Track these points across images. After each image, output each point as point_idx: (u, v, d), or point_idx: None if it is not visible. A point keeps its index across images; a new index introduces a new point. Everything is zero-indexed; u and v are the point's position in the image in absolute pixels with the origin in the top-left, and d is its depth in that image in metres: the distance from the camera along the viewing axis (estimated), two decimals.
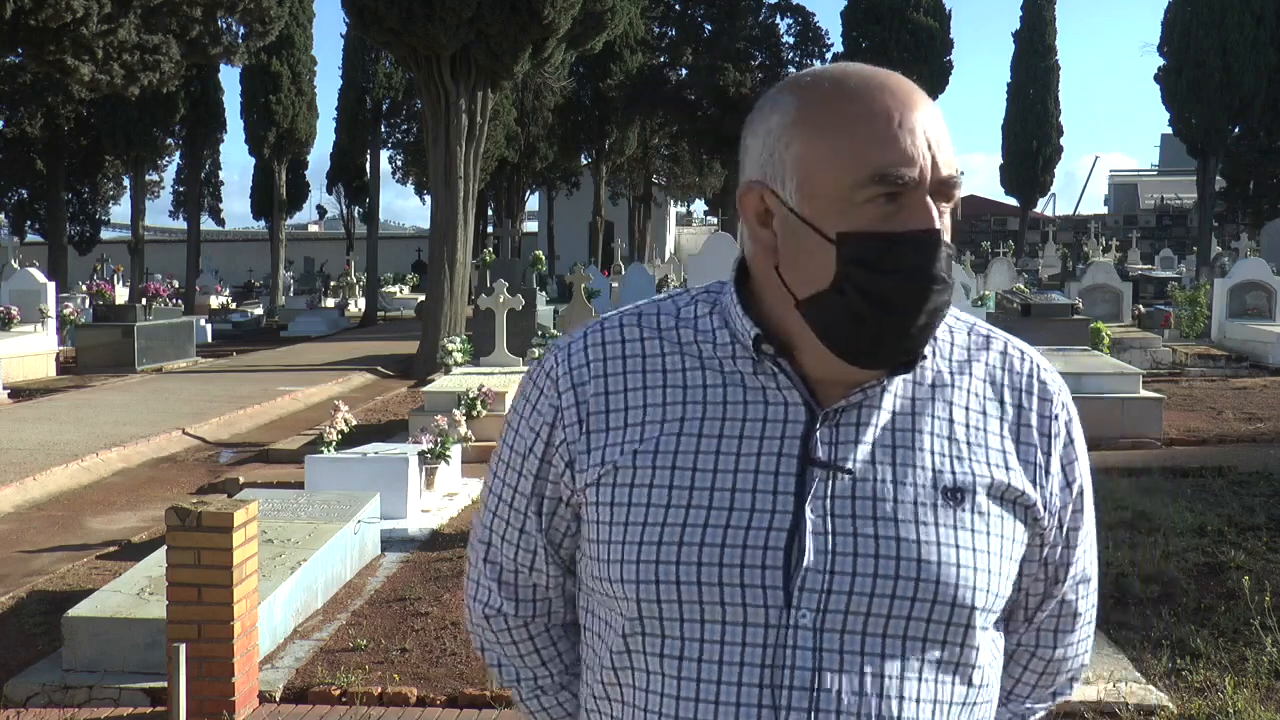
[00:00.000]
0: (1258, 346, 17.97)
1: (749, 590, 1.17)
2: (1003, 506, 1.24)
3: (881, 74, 1.21)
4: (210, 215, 41.80)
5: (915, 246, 1.15)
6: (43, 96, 29.84)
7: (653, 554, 1.20)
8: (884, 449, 1.22)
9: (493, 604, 1.41)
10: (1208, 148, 33.50)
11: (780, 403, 1.23)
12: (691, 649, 1.19)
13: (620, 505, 1.24)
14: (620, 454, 1.25)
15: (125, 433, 11.94)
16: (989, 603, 1.21)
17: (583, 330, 1.34)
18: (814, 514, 1.18)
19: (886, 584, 1.17)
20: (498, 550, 1.39)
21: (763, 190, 1.22)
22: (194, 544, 4.56)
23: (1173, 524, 7.46)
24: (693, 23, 40.02)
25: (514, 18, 17.08)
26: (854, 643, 1.17)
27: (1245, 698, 4.66)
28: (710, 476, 1.21)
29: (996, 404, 1.27)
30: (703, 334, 1.28)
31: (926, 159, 1.16)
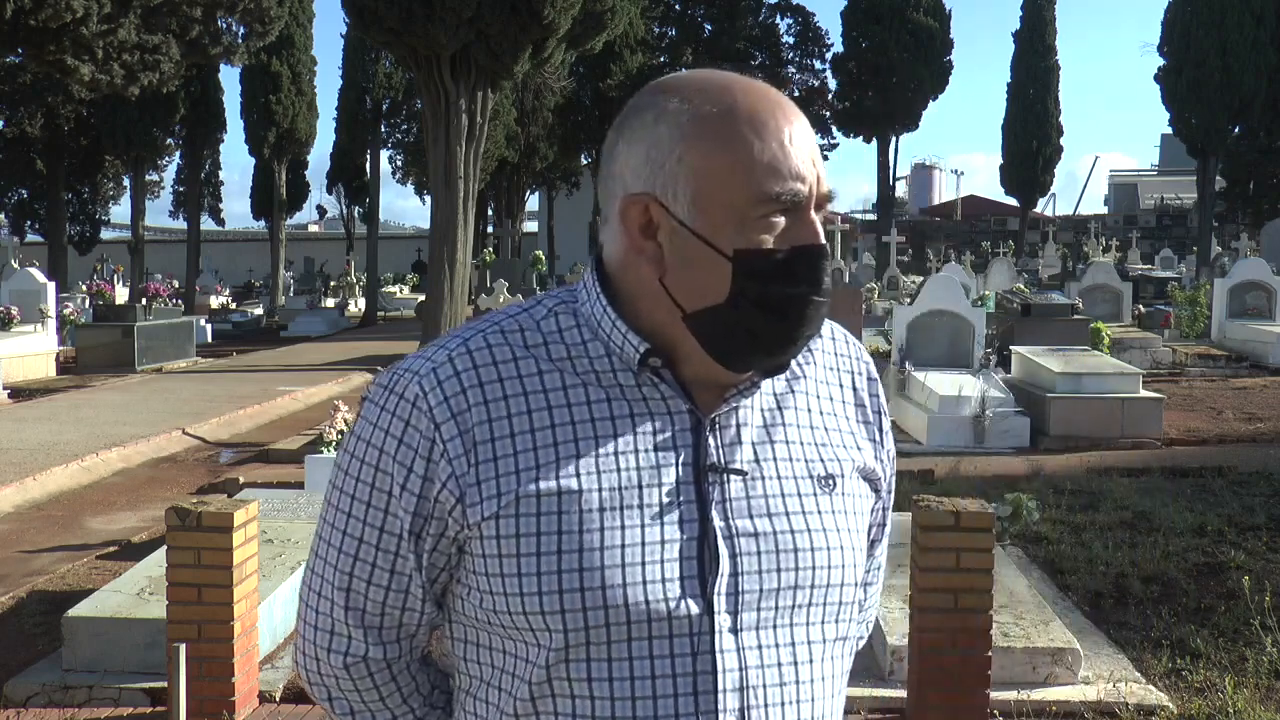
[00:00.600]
0: (1258, 346, 17.96)
1: (672, 602, 1.19)
2: (861, 485, 1.34)
3: (762, 87, 1.23)
4: (210, 215, 41.84)
5: (807, 261, 1.20)
6: (43, 96, 29.86)
7: (575, 582, 1.18)
8: (763, 446, 1.27)
9: (356, 651, 1.32)
10: (1208, 148, 33.50)
11: (665, 413, 1.24)
12: (620, 668, 1.19)
13: (528, 536, 1.20)
14: (519, 483, 1.21)
15: (125, 433, 11.94)
16: (858, 576, 1.31)
17: (442, 351, 1.27)
18: (719, 518, 1.22)
19: (788, 576, 1.23)
20: (360, 596, 1.30)
21: (649, 201, 1.21)
22: (194, 544, 4.56)
23: (1173, 524, 7.46)
24: (693, 23, 40.10)
25: (514, 18, 17.08)
26: (769, 636, 1.22)
27: (1245, 698, 4.66)
28: (616, 495, 1.20)
29: (839, 388, 1.37)
30: (573, 348, 1.26)
31: (814, 176, 1.20)
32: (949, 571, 4.37)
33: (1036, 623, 5.04)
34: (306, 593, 1.35)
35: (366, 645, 1.32)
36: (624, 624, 1.18)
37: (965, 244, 48.45)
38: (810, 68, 44.31)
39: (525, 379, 1.24)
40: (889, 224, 37.89)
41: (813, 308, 1.21)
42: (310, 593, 1.34)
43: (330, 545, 1.30)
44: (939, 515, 4.38)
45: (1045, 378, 11.78)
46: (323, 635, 1.33)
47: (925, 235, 54.11)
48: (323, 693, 1.38)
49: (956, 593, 4.37)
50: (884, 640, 4.91)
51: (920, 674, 4.44)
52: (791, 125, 1.20)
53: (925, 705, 4.44)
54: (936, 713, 4.41)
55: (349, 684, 1.35)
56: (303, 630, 1.36)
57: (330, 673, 1.35)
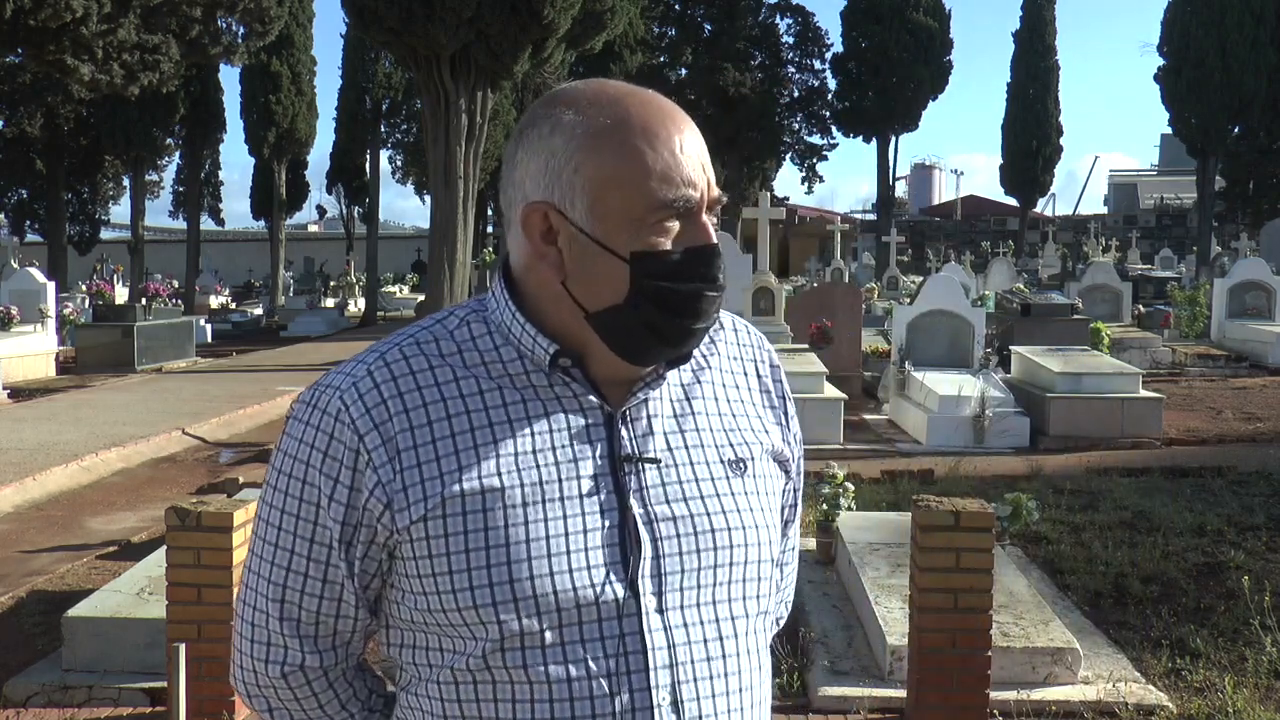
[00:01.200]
0: (1257, 346, 17.97)
1: (599, 588, 1.25)
2: (772, 466, 1.42)
3: (654, 97, 1.30)
4: (210, 215, 41.80)
5: (702, 260, 1.27)
6: (42, 96, 29.84)
7: (504, 575, 1.23)
8: (675, 435, 1.34)
9: (293, 661, 1.36)
10: (1207, 148, 33.50)
11: (579, 410, 1.31)
12: (555, 654, 1.24)
13: (456, 535, 1.24)
14: (443, 486, 1.25)
15: (125, 433, 11.95)
16: (773, 555, 1.38)
17: (360, 366, 1.32)
18: (638, 505, 1.28)
19: (707, 556, 1.30)
20: (294, 606, 1.34)
21: (547, 209, 1.28)
22: (194, 544, 4.56)
23: (1172, 524, 7.46)
24: (692, 23, 40.10)
25: (514, 17, 17.07)
26: (693, 615, 1.28)
27: (1245, 697, 4.66)
28: (537, 489, 1.26)
29: (744, 376, 1.44)
30: (486, 353, 1.32)
31: (704, 181, 1.28)
32: (949, 571, 4.37)
33: (1036, 622, 5.04)
34: (241, 606, 1.38)
35: (303, 654, 1.36)
36: (554, 611, 1.23)
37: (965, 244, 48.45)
38: (810, 67, 44.30)
39: (442, 386, 1.30)
40: (889, 224, 37.89)
41: (707, 302, 1.28)
42: (244, 606, 1.37)
43: (262, 559, 1.35)
44: (939, 515, 4.38)
45: (1045, 378, 11.79)
46: (259, 647, 1.37)
47: (925, 235, 54.11)
48: (262, 704, 1.41)
49: (956, 592, 4.37)
50: (884, 640, 4.91)
51: (920, 674, 4.44)
52: (682, 134, 1.27)
53: (925, 705, 4.44)
54: (936, 712, 4.41)
55: (288, 693, 1.39)
56: (238, 643, 1.39)
57: (268, 683, 1.38)
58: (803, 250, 43.68)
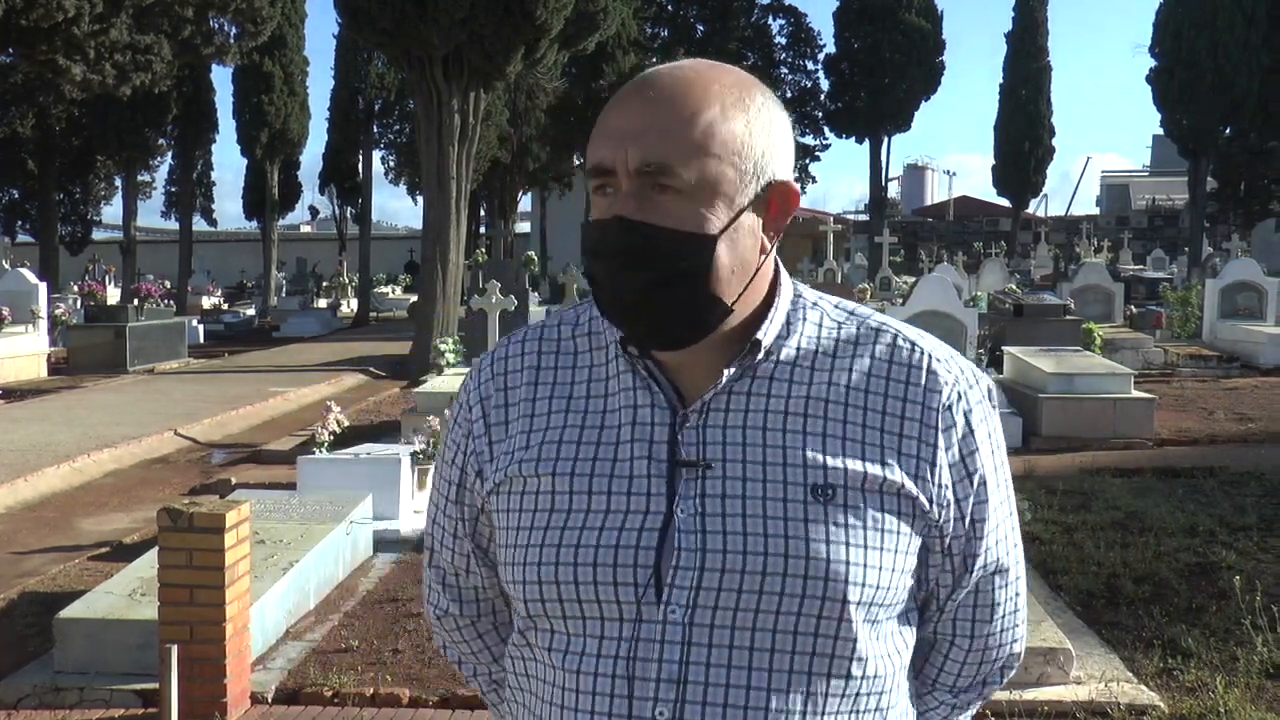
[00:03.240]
0: (1249, 347, 18.00)
1: (621, 588, 1.22)
2: (881, 501, 1.24)
3: (656, 71, 1.26)
4: (202, 216, 41.78)
5: (603, 231, 1.22)
6: (34, 96, 29.75)
7: (536, 556, 1.26)
8: (754, 447, 1.25)
9: (441, 605, 1.48)
10: (1199, 149, 33.59)
11: (649, 404, 1.28)
12: (574, 643, 1.26)
13: (513, 511, 1.31)
14: (510, 462, 1.32)
15: (117, 433, 11.92)
16: (865, 596, 1.22)
17: (497, 344, 1.42)
18: (683, 512, 1.23)
19: (754, 580, 1.20)
20: (439, 555, 1.46)
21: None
22: (186, 545, 4.55)
23: (1164, 524, 7.47)
24: (685, 23, 40.11)
25: (506, 18, 17.07)
26: (723, 636, 1.21)
27: (1236, 697, 4.67)
28: (587, 480, 1.27)
29: (879, 397, 1.28)
30: (595, 337, 1.35)
31: (622, 150, 1.21)
32: None
33: (1028, 622, 5.03)
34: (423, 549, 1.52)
35: (447, 602, 1.48)
36: (575, 601, 1.24)
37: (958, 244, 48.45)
38: (803, 68, 44.33)
39: (541, 370, 1.35)
40: (881, 224, 37.89)
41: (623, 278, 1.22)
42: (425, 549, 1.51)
43: (428, 509, 1.48)
44: None
45: (1037, 378, 11.80)
46: (423, 589, 1.51)
47: (918, 236, 54.15)
48: (438, 640, 1.54)
49: None
50: None
51: None
52: (626, 103, 1.23)
53: None
54: None
55: (444, 635, 1.51)
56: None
57: (434, 624, 1.52)
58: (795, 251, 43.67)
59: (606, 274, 1.24)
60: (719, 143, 1.22)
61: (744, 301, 1.27)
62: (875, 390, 1.28)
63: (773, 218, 1.28)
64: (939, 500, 1.27)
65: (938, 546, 1.30)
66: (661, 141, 1.20)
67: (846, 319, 1.33)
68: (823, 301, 1.35)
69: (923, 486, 1.26)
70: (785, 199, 1.29)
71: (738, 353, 1.27)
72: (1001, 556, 1.36)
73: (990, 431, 1.32)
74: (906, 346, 1.31)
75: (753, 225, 1.26)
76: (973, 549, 1.32)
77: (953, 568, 1.33)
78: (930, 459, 1.27)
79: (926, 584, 1.33)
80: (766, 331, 1.27)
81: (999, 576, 1.37)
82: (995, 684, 1.47)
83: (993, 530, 1.33)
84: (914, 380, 1.29)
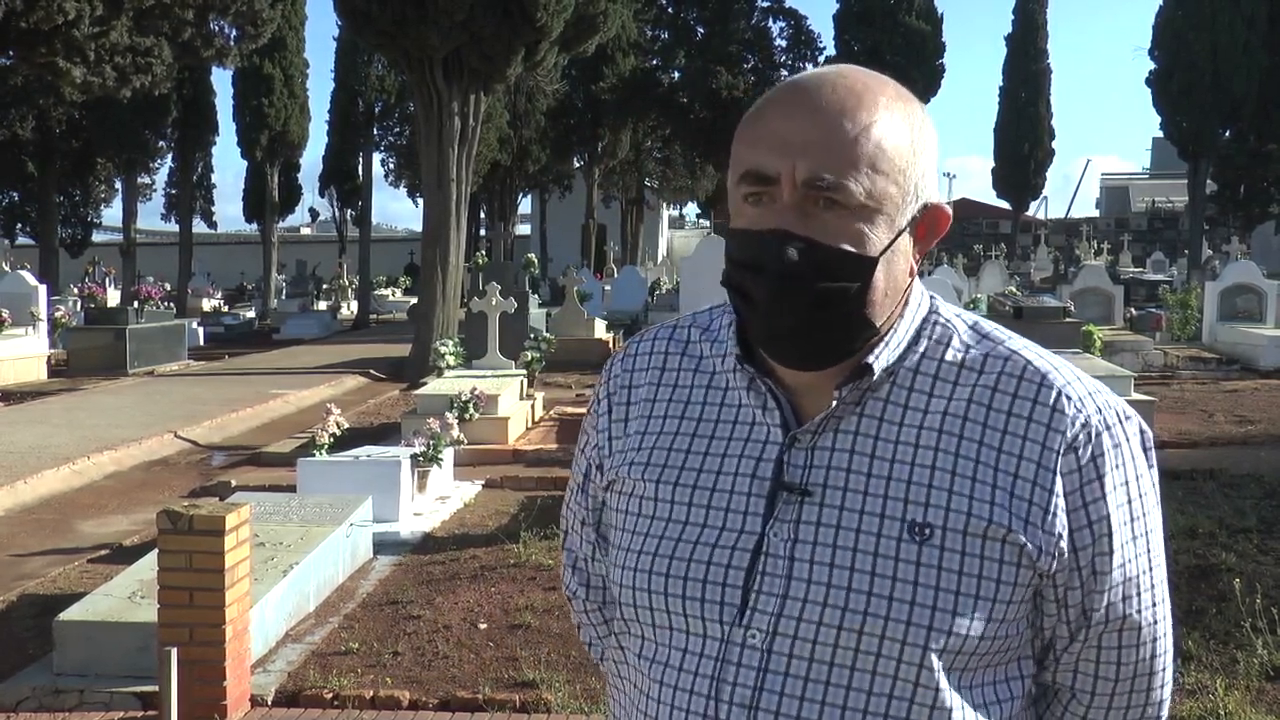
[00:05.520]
0: (1248, 349, 18.00)
1: (707, 605, 1.21)
2: (984, 546, 1.17)
3: (824, 76, 1.21)
4: (202, 218, 41.67)
5: (760, 244, 1.17)
6: (34, 99, 29.76)
7: (633, 561, 1.27)
8: (858, 476, 1.20)
9: (571, 587, 1.51)
10: (1199, 151, 33.58)
11: (762, 423, 1.26)
12: (660, 653, 1.26)
13: (619, 512, 1.32)
14: (622, 462, 1.33)
15: (117, 436, 11.91)
16: (953, 645, 1.16)
17: (636, 336, 1.43)
18: (776, 537, 1.20)
19: (835, 614, 1.16)
20: (570, 539, 1.49)
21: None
22: (186, 547, 4.55)
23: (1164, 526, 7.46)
24: (685, 26, 40.05)
25: (506, 20, 17.08)
26: (800, 667, 1.17)
27: (1236, 700, 4.67)
28: (689, 492, 1.26)
29: (996, 433, 1.20)
30: (718, 345, 1.33)
31: (789, 160, 1.16)
32: None
33: None
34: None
35: (576, 585, 1.50)
36: (664, 611, 1.24)
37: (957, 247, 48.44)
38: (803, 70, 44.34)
39: (666, 372, 1.35)
40: None
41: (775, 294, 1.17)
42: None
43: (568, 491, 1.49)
44: None
45: None
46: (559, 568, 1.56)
47: None
48: (575, 619, 1.55)
49: None
50: None
51: None
52: (792, 111, 1.18)
53: None
54: None
55: (577, 616, 1.54)
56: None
57: (569, 602, 1.54)
58: None
59: (758, 289, 1.18)
60: (888, 160, 1.17)
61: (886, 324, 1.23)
62: (993, 425, 1.20)
63: (920, 239, 1.25)
64: (1050, 549, 1.18)
65: (1052, 595, 1.22)
66: (834, 155, 1.15)
67: (977, 342, 1.25)
68: (957, 321, 1.27)
69: (1032, 534, 1.17)
70: (936, 222, 1.25)
71: (850, 375, 1.22)
72: (1130, 613, 1.26)
73: (1127, 479, 1.22)
74: (1036, 378, 1.21)
75: (907, 248, 1.23)
76: (1091, 603, 1.23)
77: (1068, 619, 1.24)
78: (1045, 504, 1.18)
79: (1043, 633, 1.26)
80: (879, 355, 1.22)
81: (1129, 633, 1.27)
82: None
83: (1118, 584, 1.23)
84: (1036, 417, 1.20)
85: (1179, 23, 32.62)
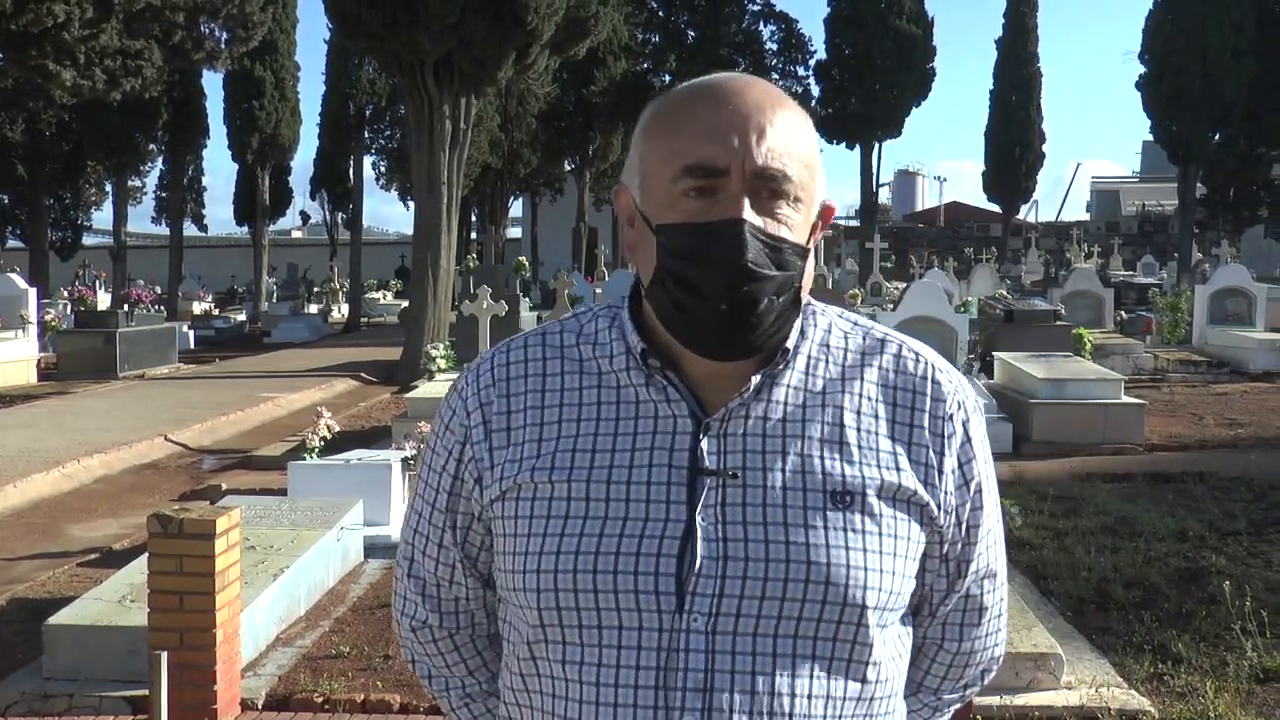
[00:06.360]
0: (1238, 352, 18.04)
1: (642, 596, 1.21)
2: (895, 507, 1.27)
3: (735, 79, 1.27)
4: (193, 221, 41.66)
5: (719, 236, 1.20)
6: (24, 101, 29.68)
7: (551, 564, 1.24)
8: (774, 455, 1.25)
9: (419, 617, 1.45)
10: (1189, 155, 33.69)
11: (669, 415, 1.27)
12: (590, 654, 1.24)
13: (523, 518, 1.28)
14: (519, 470, 1.30)
15: (107, 439, 11.88)
16: (881, 601, 1.24)
17: (493, 350, 1.40)
18: (704, 521, 1.23)
19: (776, 586, 1.21)
20: (420, 565, 1.43)
21: (625, 191, 1.32)
22: (176, 551, 4.54)
23: (1154, 529, 7.49)
24: (676, 29, 40.09)
25: (497, 24, 17.08)
26: (746, 644, 1.21)
27: (1226, 702, 4.68)
28: (604, 488, 1.25)
29: (889, 406, 1.31)
30: (600, 347, 1.33)
31: (738, 152, 1.20)
32: None
33: (1019, 627, 5.05)
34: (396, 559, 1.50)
35: (426, 613, 1.44)
36: (593, 609, 1.23)
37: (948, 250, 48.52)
38: (794, 74, 44.30)
39: (548, 377, 1.33)
40: (872, 230, 37.91)
41: (732, 284, 1.19)
42: (396, 560, 1.49)
43: (406, 517, 1.46)
44: None
45: (1028, 383, 11.82)
46: (398, 599, 1.48)
47: (908, 241, 54.21)
48: (406, 653, 1.50)
49: None
50: None
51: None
52: (727, 108, 1.23)
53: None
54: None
55: (419, 648, 1.48)
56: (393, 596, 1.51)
57: (406, 635, 1.48)
58: None
59: (713, 281, 1.20)
60: (810, 156, 1.27)
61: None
62: (887, 400, 1.31)
63: (814, 233, 1.31)
64: (945, 507, 1.31)
65: (936, 552, 1.33)
66: (777, 149, 1.22)
67: (852, 328, 1.36)
68: (829, 310, 1.37)
69: (932, 493, 1.30)
70: (826, 217, 1.32)
71: (764, 361, 1.27)
72: (991, 561, 1.40)
73: (982, 439, 1.37)
74: (911, 357, 1.35)
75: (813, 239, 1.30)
76: (967, 554, 1.36)
77: (948, 573, 1.36)
78: (938, 466, 1.31)
79: (922, 588, 1.35)
80: (792, 339, 1.29)
81: (988, 581, 1.41)
82: (976, 686, 1.50)
83: (985, 536, 1.37)
84: (920, 390, 1.33)
85: (1169, 27, 32.75)
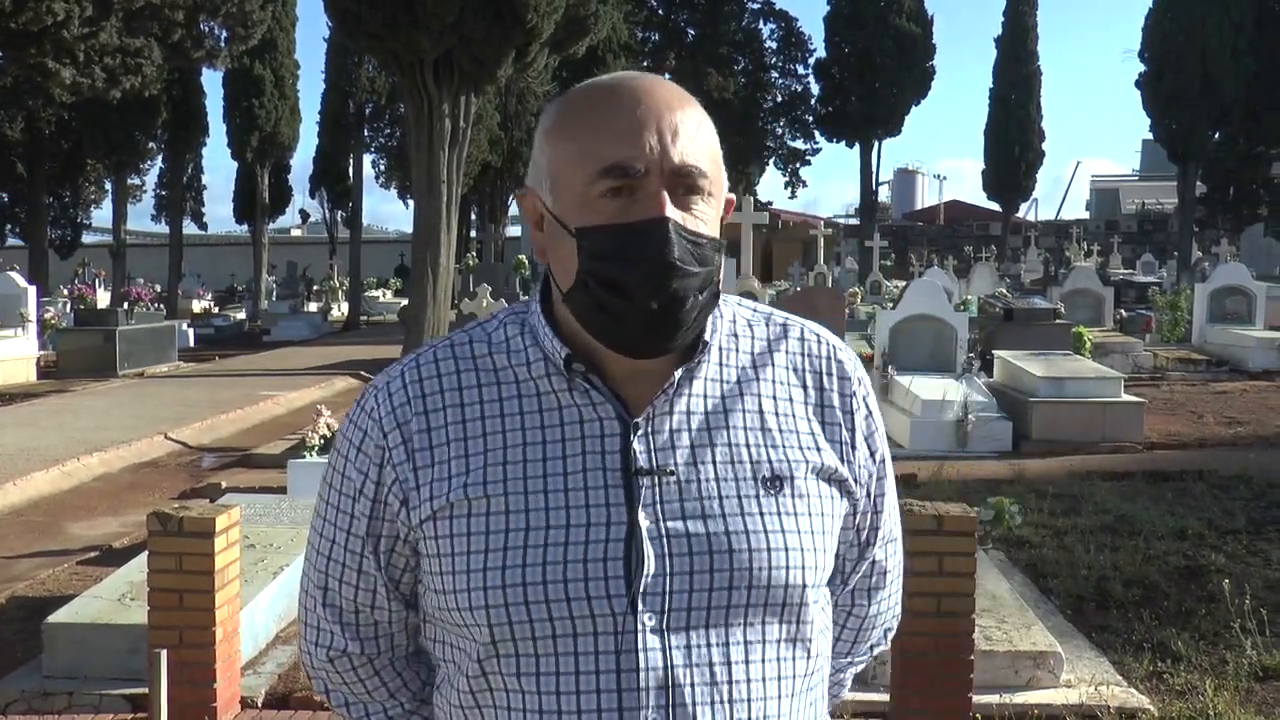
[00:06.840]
0: (1238, 351, 18.05)
1: (595, 602, 1.21)
2: (820, 486, 1.31)
3: (640, 79, 1.27)
4: (192, 219, 41.65)
5: (645, 236, 1.20)
6: (23, 100, 29.65)
7: (498, 580, 1.22)
8: (703, 448, 1.27)
9: (337, 646, 1.40)
10: (1188, 153, 33.70)
11: (595, 418, 1.27)
12: (547, 664, 1.22)
13: (459, 536, 1.25)
14: (450, 488, 1.26)
15: (106, 437, 11.88)
16: (817, 579, 1.29)
17: (400, 367, 1.36)
18: (647, 520, 1.23)
19: (722, 577, 1.22)
20: (336, 594, 1.38)
21: (532, 195, 1.30)
22: (175, 549, 4.54)
23: (1154, 527, 7.49)
24: (676, 28, 40.15)
25: (497, 22, 17.06)
26: (700, 637, 1.22)
27: (1226, 700, 4.69)
28: (542, 498, 1.24)
29: (800, 389, 1.35)
30: (515, 355, 1.31)
31: (655, 151, 1.20)
32: (932, 575, 4.37)
33: (1018, 626, 5.05)
34: (300, 590, 1.44)
35: (345, 641, 1.40)
36: (546, 620, 1.21)
37: (948, 249, 48.55)
38: (793, 72, 44.38)
39: (465, 390, 1.30)
40: (872, 229, 37.95)
41: (658, 283, 1.19)
42: (301, 590, 1.43)
43: (312, 545, 1.40)
44: (922, 519, 4.39)
45: (1027, 382, 11.82)
46: (310, 630, 1.42)
47: (908, 240, 54.22)
48: (320, 684, 1.46)
49: (939, 596, 4.38)
50: None
51: (902, 678, 4.45)
52: (640, 108, 1.22)
53: (908, 709, 4.44)
54: (918, 717, 4.41)
55: (337, 677, 1.43)
56: (300, 625, 1.45)
57: (321, 666, 1.43)
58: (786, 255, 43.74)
59: (639, 281, 1.20)
60: (717, 151, 1.28)
61: None
62: (799, 383, 1.35)
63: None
64: (859, 479, 1.36)
65: (850, 523, 1.38)
66: (690, 147, 1.23)
67: (753, 315, 1.38)
68: (729, 299, 1.38)
69: (849, 468, 1.34)
70: (727, 209, 1.33)
71: (683, 356, 1.28)
72: (893, 528, 1.45)
73: (877, 409, 1.42)
74: (814, 339, 1.39)
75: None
76: (876, 523, 1.41)
77: (859, 541, 1.41)
78: (850, 442, 1.35)
79: (837, 559, 1.38)
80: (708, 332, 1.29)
81: (891, 545, 1.46)
82: (882, 646, 1.57)
83: (888, 503, 1.42)
84: (828, 371, 1.37)
85: (1168, 26, 32.75)
